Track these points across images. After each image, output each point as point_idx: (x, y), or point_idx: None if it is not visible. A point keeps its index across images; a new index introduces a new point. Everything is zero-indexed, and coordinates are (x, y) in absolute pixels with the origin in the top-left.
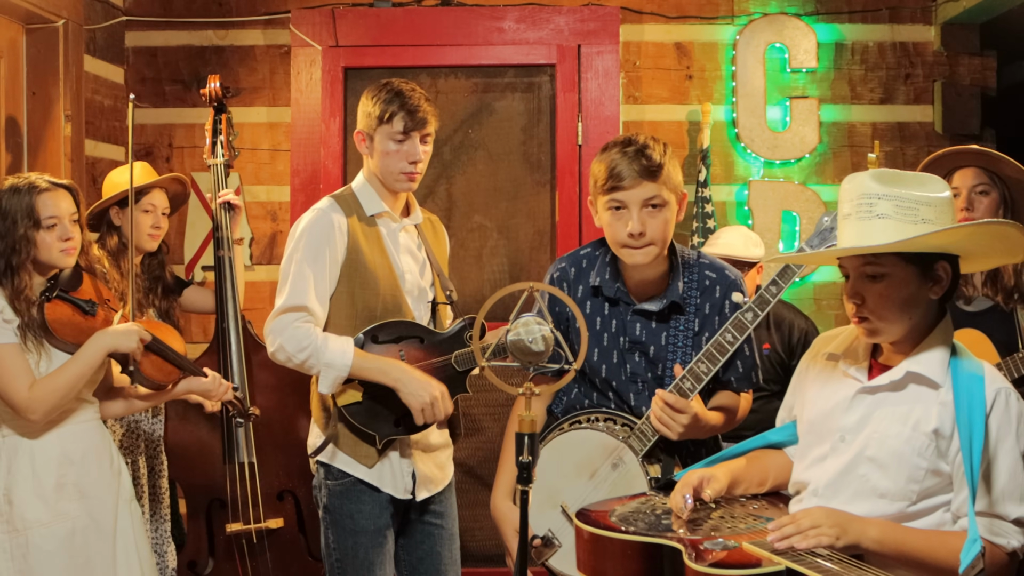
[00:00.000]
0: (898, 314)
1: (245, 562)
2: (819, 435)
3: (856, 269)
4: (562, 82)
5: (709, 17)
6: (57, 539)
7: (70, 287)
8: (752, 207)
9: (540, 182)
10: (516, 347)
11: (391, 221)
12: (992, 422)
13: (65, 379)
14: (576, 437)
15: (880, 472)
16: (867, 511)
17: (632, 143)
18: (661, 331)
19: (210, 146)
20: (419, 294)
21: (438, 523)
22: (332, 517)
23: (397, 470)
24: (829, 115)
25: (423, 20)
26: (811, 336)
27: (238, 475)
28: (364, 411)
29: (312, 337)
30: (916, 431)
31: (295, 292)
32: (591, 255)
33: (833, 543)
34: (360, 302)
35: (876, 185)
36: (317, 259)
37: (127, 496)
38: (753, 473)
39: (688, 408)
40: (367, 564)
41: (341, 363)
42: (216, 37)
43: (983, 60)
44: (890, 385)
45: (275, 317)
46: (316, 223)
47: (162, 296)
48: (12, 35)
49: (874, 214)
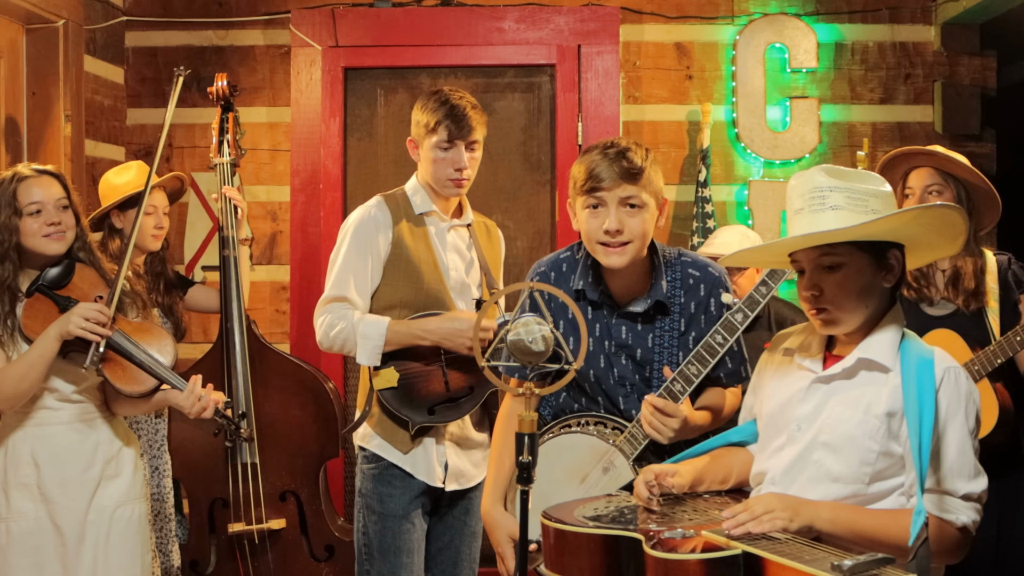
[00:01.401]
0: (855, 303)
1: (247, 562)
2: (777, 427)
3: (812, 261)
4: (562, 82)
5: (709, 17)
6: (11, 535)
7: (55, 283)
8: (752, 207)
9: (540, 182)
10: (516, 347)
11: (439, 220)
12: (941, 399)
13: (17, 367)
14: (566, 441)
15: (833, 456)
16: (822, 495)
17: (614, 146)
18: (647, 333)
19: (216, 145)
20: (463, 290)
21: (463, 519)
22: (364, 500)
23: (430, 458)
24: (829, 115)
25: (423, 20)
26: None
27: (240, 475)
28: (400, 396)
29: (348, 316)
30: (867, 414)
31: (338, 283)
32: (570, 259)
33: (787, 526)
34: (403, 295)
35: (827, 179)
36: (360, 255)
37: (110, 503)
38: (716, 470)
39: (678, 412)
40: (394, 549)
41: (376, 332)
42: (216, 37)
43: (983, 60)
44: (843, 373)
45: (320, 307)
46: (363, 220)
47: (164, 292)
48: (12, 35)
49: (827, 206)
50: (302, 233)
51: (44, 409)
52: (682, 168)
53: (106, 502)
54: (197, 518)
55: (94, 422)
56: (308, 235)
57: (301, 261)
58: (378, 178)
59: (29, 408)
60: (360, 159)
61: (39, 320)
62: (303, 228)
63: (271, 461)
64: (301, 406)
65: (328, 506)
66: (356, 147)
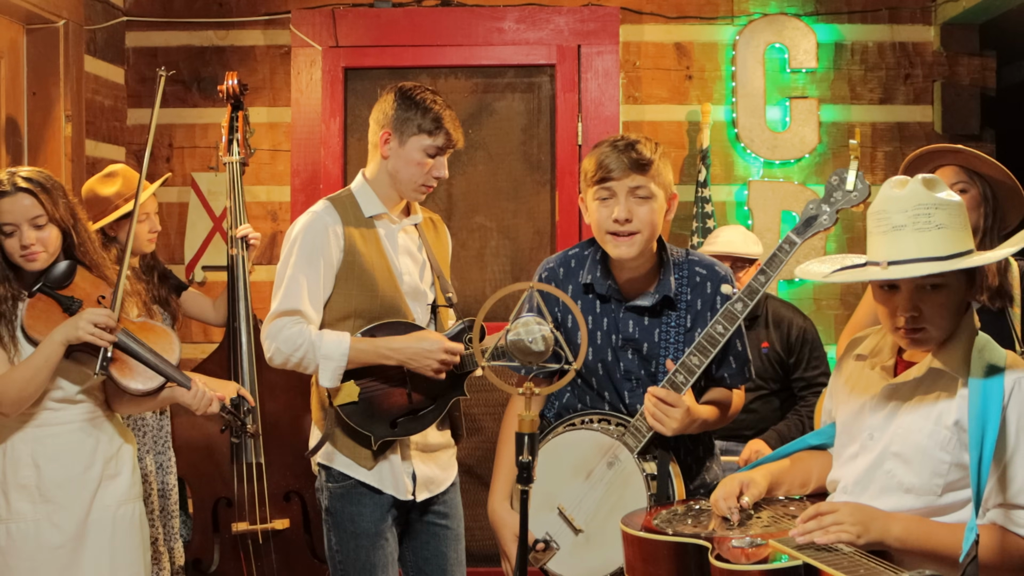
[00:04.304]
0: (951, 321)
1: (250, 562)
2: (851, 435)
3: (913, 281)
4: (562, 82)
5: (709, 17)
6: (10, 537)
7: (57, 283)
8: (752, 207)
9: (540, 182)
10: (516, 347)
11: (389, 222)
12: (1011, 413)
13: (22, 372)
14: (570, 438)
15: (905, 467)
16: (894, 506)
17: (623, 139)
18: (654, 327)
19: (226, 143)
20: (418, 295)
21: (443, 523)
22: (334, 520)
23: (397, 471)
24: (829, 115)
25: (423, 20)
26: (810, 334)
27: (245, 475)
28: (360, 411)
29: (306, 335)
30: (938, 425)
31: (289, 296)
32: (579, 255)
33: (854, 540)
34: (357, 303)
35: (930, 194)
36: (311, 263)
37: (112, 502)
38: (795, 475)
39: (680, 402)
40: (369, 566)
41: (338, 352)
42: (216, 37)
43: (982, 60)
44: (914, 382)
45: (269, 321)
46: (311, 227)
47: (158, 284)
48: (13, 35)
49: (933, 224)
50: None
51: (46, 410)
52: (682, 168)
53: (108, 501)
54: (201, 517)
55: (95, 422)
56: None
57: None
58: None
59: (30, 410)
60: (360, 159)
61: (42, 320)
62: None
63: (276, 461)
64: (306, 406)
65: None
66: (356, 147)
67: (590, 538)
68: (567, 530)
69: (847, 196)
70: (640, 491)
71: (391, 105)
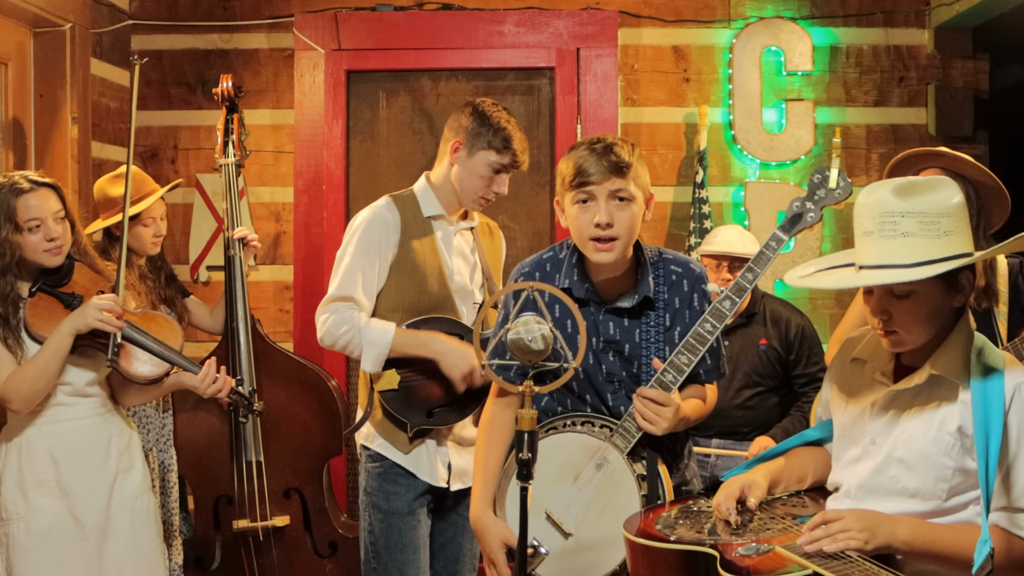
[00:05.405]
0: (925, 326)
1: (251, 559)
2: (851, 439)
3: (881, 287)
4: (561, 85)
5: (706, 21)
6: (31, 534)
7: (56, 281)
8: (748, 208)
9: (540, 183)
10: (516, 346)
11: (447, 224)
12: (1012, 418)
13: (33, 367)
14: (555, 442)
15: (909, 473)
16: (900, 510)
17: (600, 141)
18: (634, 328)
19: (221, 145)
20: (466, 295)
21: (466, 515)
22: (370, 499)
23: (433, 458)
24: (824, 117)
25: (424, 24)
26: (808, 332)
27: (245, 472)
28: (399, 399)
29: (354, 320)
30: (941, 431)
31: (345, 283)
32: (554, 258)
33: (862, 547)
34: (407, 297)
35: (898, 201)
36: (368, 255)
37: (130, 494)
38: (792, 471)
39: (671, 401)
40: (400, 546)
41: (382, 340)
42: (221, 40)
43: (976, 63)
44: (915, 388)
45: (324, 305)
46: (372, 220)
47: (165, 285)
48: (20, 38)
49: (898, 232)
50: (305, 233)
51: (59, 406)
52: (679, 169)
53: (126, 494)
54: (202, 515)
55: (106, 415)
56: (311, 235)
57: (304, 261)
58: (380, 179)
59: (42, 406)
60: (362, 160)
61: (45, 318)
62: (306, 228)
63: (275, 459)
64: (305, 404)
65: (331, 503)
66: (358, 149)
67: (580, 541)
68: (556, 534)
69: (830, 193)
70: (632, 492)
71: (467, 118)
